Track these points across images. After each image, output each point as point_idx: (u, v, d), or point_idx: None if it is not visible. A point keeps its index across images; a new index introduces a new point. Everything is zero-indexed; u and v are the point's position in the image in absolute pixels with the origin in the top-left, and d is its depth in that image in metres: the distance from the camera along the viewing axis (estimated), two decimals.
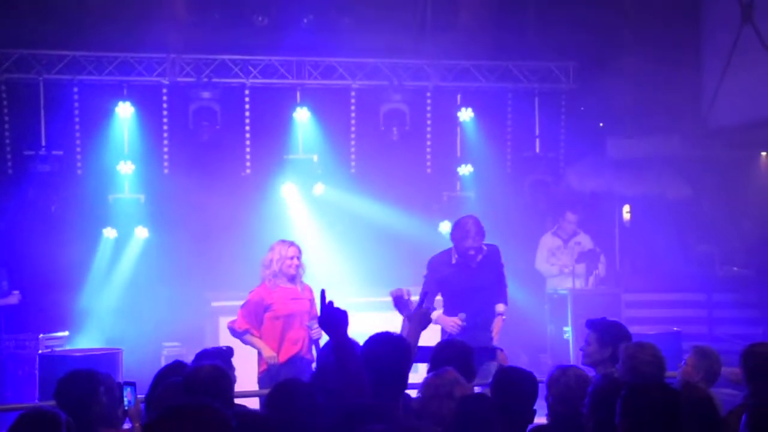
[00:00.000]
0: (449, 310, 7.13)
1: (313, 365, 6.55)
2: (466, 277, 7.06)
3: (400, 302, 5.49)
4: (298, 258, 7.14)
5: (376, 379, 4.10)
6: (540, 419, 4.46)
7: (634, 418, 3.40)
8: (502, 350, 6.83)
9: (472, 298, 7.05)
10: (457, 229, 7.12)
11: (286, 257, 7.10)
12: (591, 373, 4.86)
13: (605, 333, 5.33)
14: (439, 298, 7.15)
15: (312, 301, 7.12)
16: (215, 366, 4.21)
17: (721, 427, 4.04)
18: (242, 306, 7.18)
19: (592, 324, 5.53)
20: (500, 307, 7.24)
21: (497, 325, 7.13)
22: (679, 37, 10.80)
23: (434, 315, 7.05)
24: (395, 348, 4.23)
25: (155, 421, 2.72)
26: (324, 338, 5.14)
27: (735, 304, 10.69)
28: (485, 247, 7.14)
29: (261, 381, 7.02)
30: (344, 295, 9.59)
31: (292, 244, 7.24)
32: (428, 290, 6.34)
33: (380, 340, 4.28)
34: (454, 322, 6.94)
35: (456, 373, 4.38)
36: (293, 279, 7.13)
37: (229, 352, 5.26)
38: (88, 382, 4.62)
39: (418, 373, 5.23)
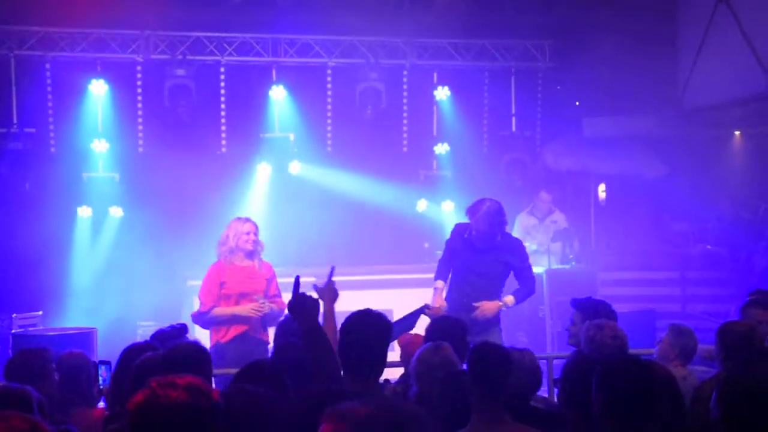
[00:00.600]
0: (450, 284, 7.10)
1: (270, 346, 6.50)
2: (470, 256, 6.95)
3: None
4: (255, 234, 7.07)
5: (357, 357, 4.12)
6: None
7: (609, 394, 3.43)
8: (429, 307, 6.59)
9: (471, 280, 6.93)
10: (474, 204, 7.05)
11: (242, 233, 7.04)
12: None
13: (589, 312, 5.35)
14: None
15: (269, 279, 7.08)
16: (195, 343, 4.24)
17: (682, 406, 4.09)
18: (201, 288, 7.12)
19: (577, 303, 5.54)
20: (508, 298, 7.01)
21: (488, 304, 6.87)
22: (655, 16, 10.81)
23: (439, 284, 7.08)
24: (375, 325, 4.25)
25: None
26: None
27: (708, 282, 10.79)
28: (500, 237, 7.01)
29: None
30: (320, 275, 9.67)
31: (247, 220, 7.19)
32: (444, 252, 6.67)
33: (359, 317, 4.30)
34: (436, 310, 6.78)
35: (450, 350, 4.45)
36: (251, 255, 7.06)
37: (183, 329, 5.26)
38: (39, 360, 4.60)
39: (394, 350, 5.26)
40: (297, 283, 4.25)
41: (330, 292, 4.77)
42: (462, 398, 4.08)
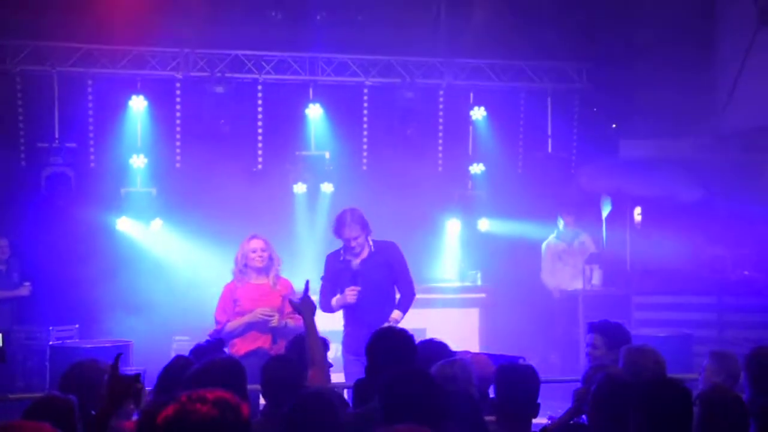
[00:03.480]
0: (345, 313, 6.98)
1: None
2: (352, 275, 6.87)
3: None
4: (263, 250, 7.05)
5: (380, 374, 4.13)
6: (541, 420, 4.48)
7: (648, 415, 3.40)
8: (524, 359, 6.62)
9: (361, 299, 6.82)
10: (336, 221, 6.98)
11: (249, 250, 7.05)
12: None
13: (613, 337, 5.33)
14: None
15: (286, 296, 6.90)
16: (230, 357, 4.29)
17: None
18: (216, 308, 7.17)
19: (596, 327, 5.52)
20: (395, 314, 6.89)
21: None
22: (694, 39, 10.75)
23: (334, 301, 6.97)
24: (397, 342, 4.28)
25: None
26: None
27: (745, 308, 10.64)
28: (371, 243, 6.94)
29: None
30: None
31: (254, 237, 7.15)
32: (324, 285, 6.73)
33: (383, 335, 4.33)
34: (351, 291, 6.75)
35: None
36: (262, 272, 7.06)
37: (220, 344, 5.31)
38: (92, 371, 4.65)
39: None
40: (307, 287, 4.92)
41: (307, 306, 4.89)
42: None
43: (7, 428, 2.68)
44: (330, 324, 6.94)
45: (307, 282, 4.95)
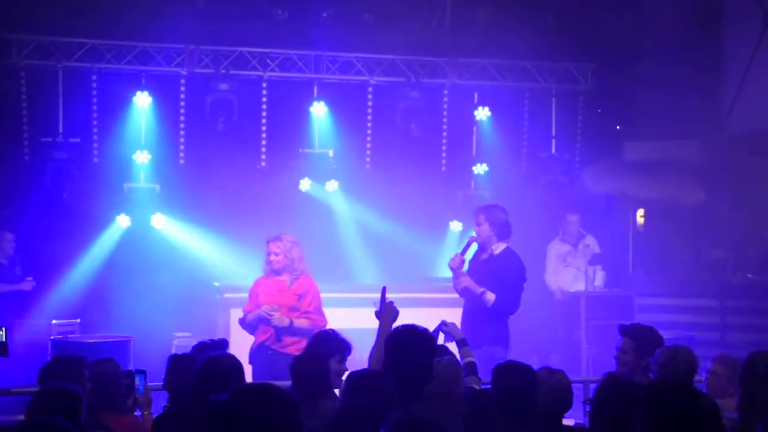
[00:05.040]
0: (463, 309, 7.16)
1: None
2: (469, 270, 7.09)
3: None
4: (276, 254, 7.30)
5: (402, 371, 4.15)
6: (567, 421, 4.46)
7: (654, 416, 3.39)
8: (446, 323, 6.49)
9: (471, 297, 6.99)
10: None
11: (266, 253, 7.39)
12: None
13: (642, 341, 5.14)
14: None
15: (302, 295, 7.25)
16: (230, 356, 4.32)
17: None
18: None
19: (626, 330, 5.32)
20: (488, 294, 6.94)
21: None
22: (699, 41, 10.73)
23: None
24: (418, 339, 4.28)
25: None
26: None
27: (748, 311, 10.62)
28: (497, 248, 7.03)
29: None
30: (357, 290, 9.70)
31: (271, 240, 7.39)
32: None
33: (404, 331, 4.33)
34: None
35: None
36: (279, 272, 7.31)
37: (223, 343, 5.32)
38: (74, 368, 4.66)
39: None
40: (384, 294, 4.96)
41: (390, 313, 4.95)
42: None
43: None
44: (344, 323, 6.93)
45: (384, 288, 4.96)
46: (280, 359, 6.86)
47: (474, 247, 7.17)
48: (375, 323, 5.01)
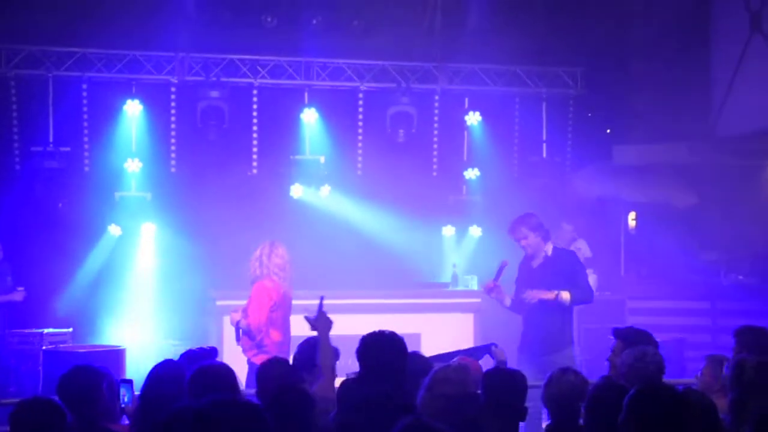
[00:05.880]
0: (522, 316, 7.10)
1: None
2: (527, 277, 7.03)
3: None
4: (256, 259, 7.23)
5: (372, 376, 4.14)
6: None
7: (639, 419, 3.40)
8: (496, 345, 6.65)
9: (534, 303, 6.91)
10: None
11: (285, 261, 7.31)
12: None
13: (634, 344, 5.19)
14: None
15: (250, 298, 7.15)
16: (221, 365, 4.30)
17: None
18: None
19: (619, 333, 5.38)
20: (564, 293, 6.87)
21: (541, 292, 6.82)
22: (688, 45, 10.78)
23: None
24: (388, 345, 4.29)
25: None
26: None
27: (739, 313, 10.65)
28: (549, 249, 7.06)
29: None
30: (347, 297, 9.69)
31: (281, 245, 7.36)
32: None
33: (373, 338, 4.34)
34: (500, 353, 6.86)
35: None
36: (256, 279, 7.23)
37: (213, 352, 5.31)
38: (92, 377, 4.63)
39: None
40: (321, 303, 4.82)
41: (323, 322, 4.84)
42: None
43: None
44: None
45: (322, 298, 4.94)
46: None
47: (504, 270, 7.19)
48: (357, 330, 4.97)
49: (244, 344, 7.08)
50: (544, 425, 4.81)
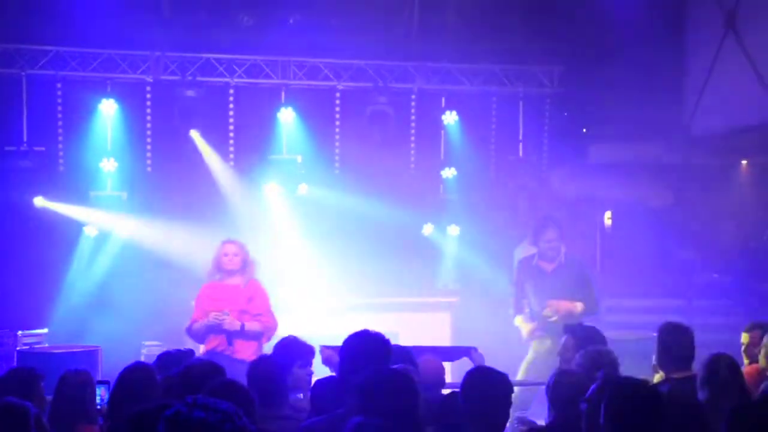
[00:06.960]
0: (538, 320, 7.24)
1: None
2: (543, 282, 7.15)
3: (329, 362, 5.53)
4: (235, 254, 7.36)
5: (357, 377, 4.12)
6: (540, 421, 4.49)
7: (618, 414, 3.44)
8: (476, 350, 6.63)
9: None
10: (535, 227, 7.35)
11: (222, 254, 7.42)
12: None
13: (584, 339, 5.42)
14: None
15: (251, 298, 7.21)
16: (210, 362, 4.32)
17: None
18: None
19: (569, 329, 5.65)
20: (577, 305, 7.17)
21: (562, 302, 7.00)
22: (662, 44, 10.86)
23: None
24: (373, 344, 4.27)
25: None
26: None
27: (715, 311, 10.75)
28: (563, 251, 7.12)
29: None
30: (325, 296, 9.67)
31: (228, 241, 7.51)
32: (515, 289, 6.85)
33: (358, 337, 4.32)
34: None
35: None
36: (232, 274, 7.32)
37: (190, 353, 5.30)
38: (86, 381, 4.65)
39: None
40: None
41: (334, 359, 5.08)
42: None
43: None
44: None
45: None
46: (232, 365, 6.83)
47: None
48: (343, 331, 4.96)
49: (240, 346, 7.08)
50: (540, 422, 4.83)
